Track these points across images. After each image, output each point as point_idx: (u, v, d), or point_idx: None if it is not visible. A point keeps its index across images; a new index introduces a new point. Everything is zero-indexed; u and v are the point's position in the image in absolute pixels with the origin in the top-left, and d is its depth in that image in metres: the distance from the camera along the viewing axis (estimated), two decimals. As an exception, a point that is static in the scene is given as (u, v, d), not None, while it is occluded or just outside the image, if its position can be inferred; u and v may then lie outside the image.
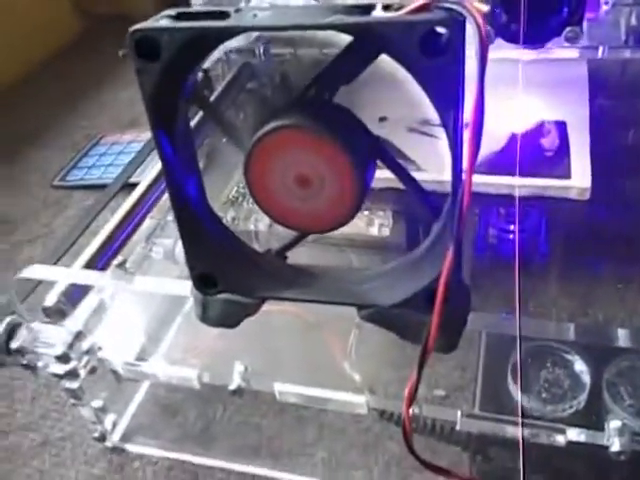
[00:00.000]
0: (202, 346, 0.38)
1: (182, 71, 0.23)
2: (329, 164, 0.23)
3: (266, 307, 0.28)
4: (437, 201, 0.24)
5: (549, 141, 0.44)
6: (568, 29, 0.38)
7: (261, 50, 0.50)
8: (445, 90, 0.20)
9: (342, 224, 0.25)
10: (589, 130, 0.44)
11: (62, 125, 0.76)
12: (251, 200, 0.25)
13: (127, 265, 0.38)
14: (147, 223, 0.43)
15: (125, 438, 0.40)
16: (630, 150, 0.46)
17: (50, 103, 0.81)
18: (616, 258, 0.41)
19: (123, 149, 0.69)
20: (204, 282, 0.28)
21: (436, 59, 0.20)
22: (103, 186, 0.52)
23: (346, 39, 0.22)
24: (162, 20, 0.22)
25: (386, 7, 0.21)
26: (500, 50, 0.44)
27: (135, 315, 0.39)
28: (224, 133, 0.26)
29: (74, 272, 0.34)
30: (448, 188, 0.22)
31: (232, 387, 0.34)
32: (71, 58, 0.95)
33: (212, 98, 0.48)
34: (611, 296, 0.40)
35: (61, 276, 0.33)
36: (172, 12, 0.22)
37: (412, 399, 0.23)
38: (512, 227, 0.43)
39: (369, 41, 0.21)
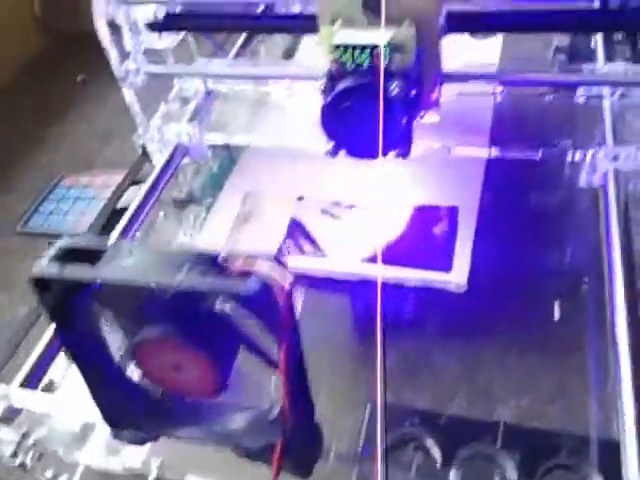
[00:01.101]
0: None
1: (70, 295, 0.29)
2: (192, 361, 0.29)
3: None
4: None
5: (440, 228, 0.50)
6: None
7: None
8: (276, 333, 0.26)
9: (212, 396, 0.31)
10: (478, 217, 0.49)
11: (24, 163, 0.81)
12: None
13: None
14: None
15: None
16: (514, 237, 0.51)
17: (14, 132, 0.85)
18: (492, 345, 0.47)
19: (79, 194, 0.74)
20: (110, 422, 0.34)
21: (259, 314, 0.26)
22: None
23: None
24: (48, 262, 0.28)
25: (225, 260, 0.27)
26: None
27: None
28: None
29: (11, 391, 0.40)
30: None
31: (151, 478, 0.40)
32: (35, 77, 0.98)
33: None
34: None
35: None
36: (58, 248, 0.28)
37: None
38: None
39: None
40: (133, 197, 0.55)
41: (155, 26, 0.52)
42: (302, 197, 0.55)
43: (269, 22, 0.51)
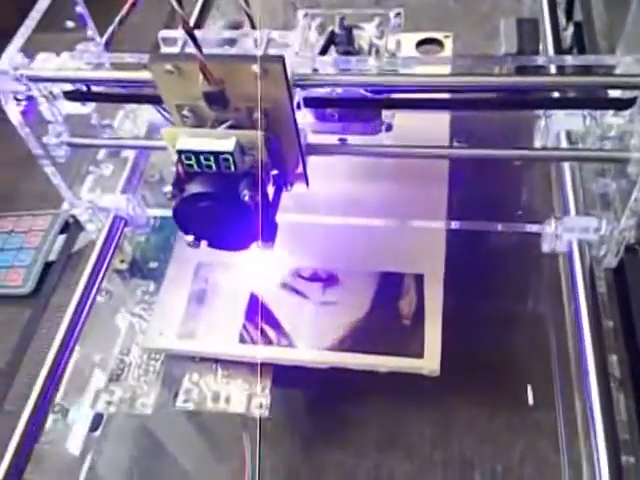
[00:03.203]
0: None
1: None
2: None
3: None
4: None
5: (406, 303, 0.48)
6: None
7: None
8: None
9: None
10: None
11: None
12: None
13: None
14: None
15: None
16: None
17: None
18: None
19: (4, 244, 0.67)
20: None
21: None
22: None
23: None
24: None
25: None
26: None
27: None
28: None
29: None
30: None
31: None
32: None
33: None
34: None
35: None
36: None
37: None
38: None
39: None
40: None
41: (76, 95, 0.46)
42: (258, 267, 0.51)
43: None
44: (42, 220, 0.67)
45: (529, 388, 0.47)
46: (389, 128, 0.47)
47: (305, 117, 0.48)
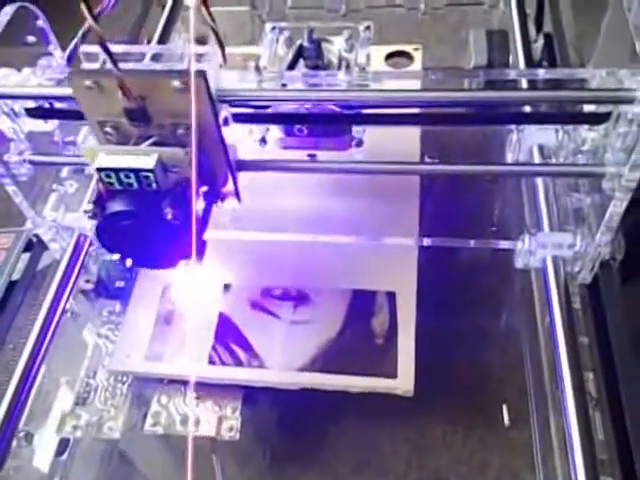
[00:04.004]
0: None
1: None
2: None
3: None
4: None
5: (379, 322, 0.47)
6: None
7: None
8: None
9: None
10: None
11: None
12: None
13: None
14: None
15: None
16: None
17: None
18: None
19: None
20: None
21: None
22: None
23: None
24: None
25: None
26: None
27: None
28: None
29: None
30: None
31: None
32: None
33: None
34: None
35: None
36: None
37: None
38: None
39: None
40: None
41: (39, 112, 0.44)
42: (229, 285, 0.50)
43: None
44: (5, 238, 0.65)
45: (504, 407, 0.46)
46: (360, 144, 0.46)
47: (273, 132, 0.47)
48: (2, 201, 0.53)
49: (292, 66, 0.45)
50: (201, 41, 0.71)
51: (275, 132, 0.48)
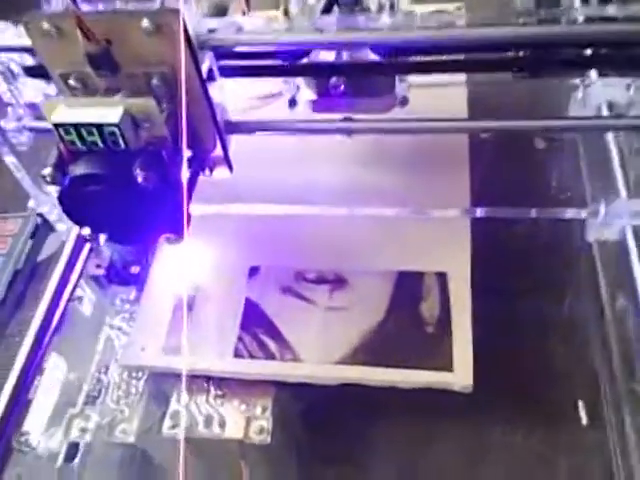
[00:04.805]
0: None
1: None
2: None
3: None
4: None
5: (429, 307, 0.42)
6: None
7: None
8: None
9: None
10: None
11: None
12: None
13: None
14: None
15: None
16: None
17: None
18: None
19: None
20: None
21: None
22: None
23: None
24: None
25: None
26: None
27: None
28: None
29: None
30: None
31: None
32: None
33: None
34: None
35: None
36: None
37: None
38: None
39: None
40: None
41: (35, 70, 0.39)
42: (256, 267, 0.45)
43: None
44: (12, 224, 0.61)
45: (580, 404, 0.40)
46: (404, 102, 0.41)
47: (303, 93, 0.42)
48: (8, 183, 0.49)
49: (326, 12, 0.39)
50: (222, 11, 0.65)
51: (306, 93, 0.42)
